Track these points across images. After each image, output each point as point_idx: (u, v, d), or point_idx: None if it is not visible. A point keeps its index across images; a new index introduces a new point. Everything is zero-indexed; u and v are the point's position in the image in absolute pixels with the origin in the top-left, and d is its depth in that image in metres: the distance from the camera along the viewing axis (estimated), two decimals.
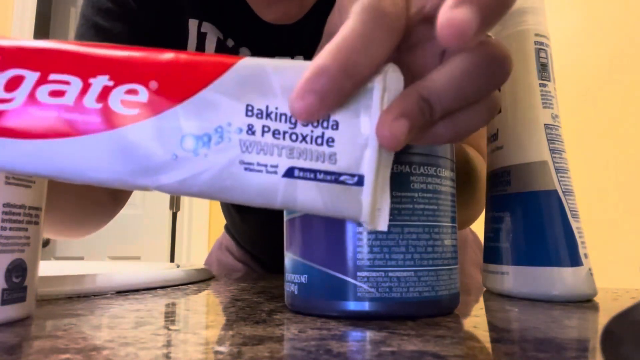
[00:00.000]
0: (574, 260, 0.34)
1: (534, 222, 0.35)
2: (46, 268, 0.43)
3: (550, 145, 0.36)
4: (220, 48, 0.48)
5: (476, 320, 0.26)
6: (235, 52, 0.48)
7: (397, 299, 0.25)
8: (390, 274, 0.26)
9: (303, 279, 0.28)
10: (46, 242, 2.25)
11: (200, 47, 0.48)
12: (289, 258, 0.29)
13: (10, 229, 0.23)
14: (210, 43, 0.48)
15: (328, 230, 0.27)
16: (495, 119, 0.38)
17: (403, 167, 0.26)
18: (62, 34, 2.48)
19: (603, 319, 0.27)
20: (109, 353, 0.18)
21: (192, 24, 0.48)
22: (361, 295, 0.26)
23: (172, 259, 2.17)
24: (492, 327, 0.24)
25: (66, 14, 2.49)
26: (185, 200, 2.18)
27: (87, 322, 0.25)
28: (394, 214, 0.26)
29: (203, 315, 0.28)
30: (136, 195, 2.26)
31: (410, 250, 0.26)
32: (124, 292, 0.38)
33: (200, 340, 0.20)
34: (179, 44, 0.49)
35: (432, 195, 0.27)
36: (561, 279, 0.33)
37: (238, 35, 0.48)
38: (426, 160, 0.27)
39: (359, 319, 0.26)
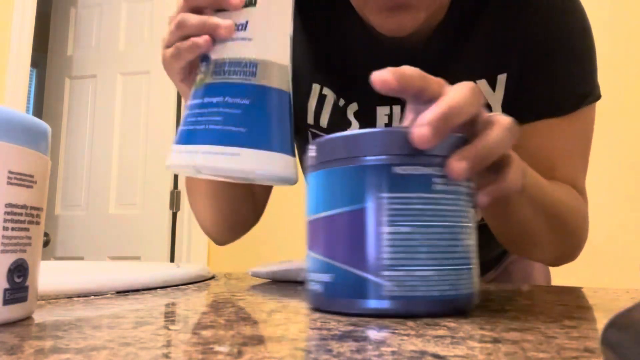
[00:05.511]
0: (289, 149, 0.36)
1: (273, 114, 0.36)
2: (46, 268, 0.43)
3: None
4: (335, 107, 0.60)
5: (476, 320, 0.26)
6: (345, 109, 0.59)
7: (420, 297, 0.26)
8: (413, 273, 0.26)
9: (328, 278, 0.28)
10: (46, 242, 2.25)
11: (319, 106, 0.61)
12: (313, 258, 0.30)
13: (12, 229, 0.23)
14: (328, 104, 0.60)
15: (353, 231, 0.27)
16: (247, 10, 0.38)
17: (426, 168, 0.27)
18: (62, 34, 2.48)
19: (603, 319, 0.27)
20: (108, 353, 0.18)
21: (315, 87, 0.60)
22: (385, 294, 0.26)
23: (172, 259, 2.17)
24: (492, 327, 0.24)
25: (66, 14, 2.49)
26: (185, 201, 2.18)
27: (87, 322, 0.25)
28: (418, 214, 0.27)
29: (203, 315, 0.28)
30: (136, 195, 2.26)
31: (433, 250, 0.27)
32: (124, 292, 0.38)
33: (200, 340, 0.20)
34: (304, 102, 0.61)
35: (453, 197, 0.28)
36: (280, 162, 0.35)
37: (348, 96, 0.59)
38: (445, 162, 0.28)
39: (382, 317, 0.26)
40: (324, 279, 0.28)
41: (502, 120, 0.31)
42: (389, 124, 0.57)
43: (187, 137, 0.36)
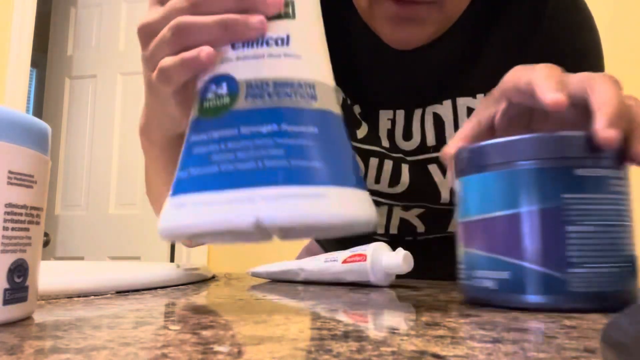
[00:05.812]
0: (365, 184, 0.31)
1: (342, 144, 0.30)
2: (46, 268, 0.43)
3: None
4: (343, 105, 0.57)
5: (476, 320, 0.26)
6: (351, 107, 0.58)
7: (601, 292, 0.28)
8: (595, 270, 0.28)
9: (505, 275, 0.30)
10: (46, 242, 2.25)
11: None
12: (477, 255, 0.32)
13: (12, 229, 0.23)
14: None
15: (536, 229, 0.29)
16: (284, 22, 0.30)
17: (603, 170, 0.29)
18: (62, 34, 2.48)
19: (603, 319, 0.27)
20: (108, 353, 0.18)
21: None
22: (570, 290, 0.28)
23: (172, 259, 2.17)
24: (493, 327, 0.24)
25: (66, 14, 2.49)
26: None
27: (87, 322, 0.25)
28: (598, 214, 0.29)
29: (203, 315, 0.28)
30: (136, 195, 2.26)
31: (612, 248, 0.29)
32: (124, 292, 0.38)
33: (200, 340, 0.20)
34: None
35: (623, 197, 0.30)
36: (365, 201, 0.29)
37: (351, 97, 0.58)
38: (618, 163, 0.30)
39: (568, 313, 0.28)
40: (499, 275, 0.30)
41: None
42: (391, 129, 0.57)
43: (224, 181, 0.26)
